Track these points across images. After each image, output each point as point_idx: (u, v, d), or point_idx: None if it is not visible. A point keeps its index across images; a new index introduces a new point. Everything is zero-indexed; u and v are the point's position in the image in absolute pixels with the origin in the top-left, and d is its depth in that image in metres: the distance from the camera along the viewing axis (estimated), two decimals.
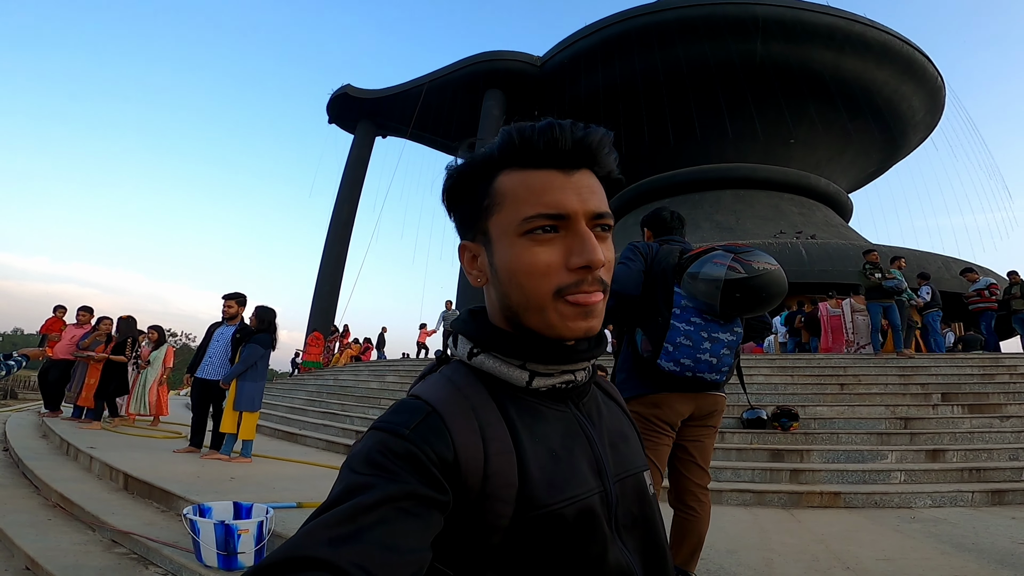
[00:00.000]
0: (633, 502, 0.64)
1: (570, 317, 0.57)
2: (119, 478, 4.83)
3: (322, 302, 24.41)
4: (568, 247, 0.57)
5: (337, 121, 28.69)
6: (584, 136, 0.58)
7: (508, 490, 0.54)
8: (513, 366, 0.60)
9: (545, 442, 0.58)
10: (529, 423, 0.59)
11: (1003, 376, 7.46)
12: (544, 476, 0.56)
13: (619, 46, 21.80)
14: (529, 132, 0.58)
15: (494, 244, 0.60)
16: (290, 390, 12.74)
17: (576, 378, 0.63)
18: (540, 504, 0.54)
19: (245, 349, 5.85)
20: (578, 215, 0.57)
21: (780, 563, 3.03)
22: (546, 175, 0.58)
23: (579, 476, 0.58)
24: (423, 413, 0.54)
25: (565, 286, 0.57)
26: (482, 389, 0.59)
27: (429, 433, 0.53)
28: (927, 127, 25.79)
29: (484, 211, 0.61)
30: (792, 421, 6.00)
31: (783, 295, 2.08)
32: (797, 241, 17.41)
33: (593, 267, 0.56)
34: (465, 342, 0.63)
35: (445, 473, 0.51)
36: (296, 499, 4.03)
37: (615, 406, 0.73)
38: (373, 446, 0.51)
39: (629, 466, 0.66)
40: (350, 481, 0.49)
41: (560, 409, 0.62)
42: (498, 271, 0.60)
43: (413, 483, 0.49)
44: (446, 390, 0.58)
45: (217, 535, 2.86)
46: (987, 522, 3.82)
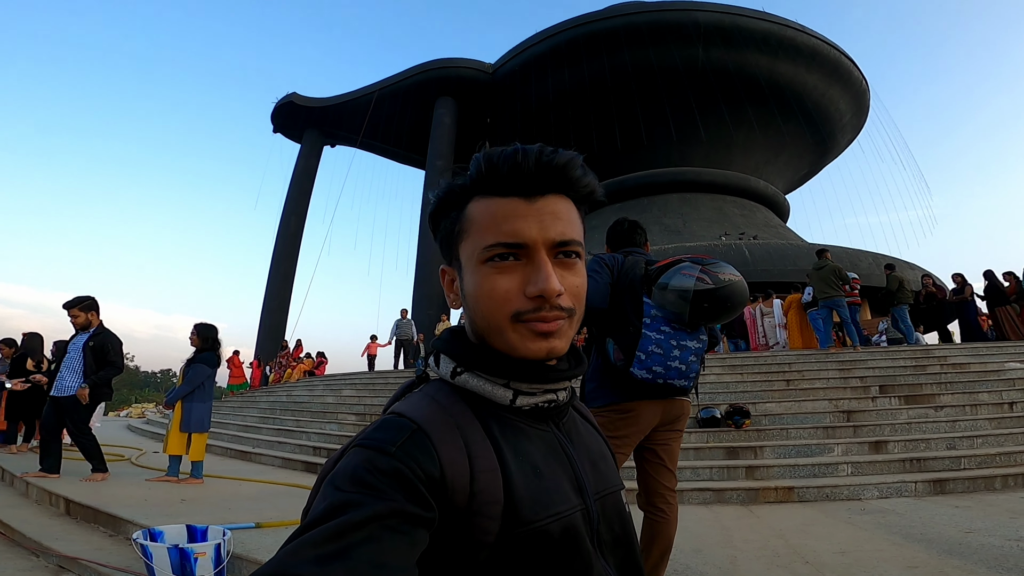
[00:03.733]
0: (614, 520, 0.66)
1: (529, 339, 0.58)
2: (60, 503, 4.58)
3: (271, 318, 23.68)
4: (526, 275, 0.58)
5: (282, 130, 27.97)
6: (549, 159, 0.59)
7: (494, 507, 0.54)
8: (497, 384, 0.61)
9: (528, 460, 0.59)
10: (512, 441, 0.59)
11: (934, 367, 7.91)
12: (529, 493, 0.56)
13: (568, 53, 22.13)
14: (495, 158, 0.59)
15: (464, 270, 0.62)
16: (241, 408, 12.32)
17: (558, 397, 0.64)
18: (526, 520, 0.55)
19: (190, 370, 5.67)
20: (537, 244, 0.58)
21: (744, 560, 3.12)
22: (509, 203, 0.59)
23: (562, 493, 0.59)
24: (409, 431, 0.54)
25: (522, 311, 0.58)
26: (465, 407, 0.60)
27: (415, 450, 0.52)
28: (854, 129, 27.19)
29: (456, 237, 0.62)
30: (744, 418, 6.20)
31: (745, 304, 2.25)
32: (741, 242, 18.03)
33: (547, 296, 0.57)
34: (448, 361, 0.63)
35: (432, 490, 0.51)
36: (254, 519, 3.90)
37: (590, 427, 0.75)
38: (359, 463, 0.51)
39: (608, 484, 0.67)
40: (335, 499, 0.48)
41: (542, 428, 0.63)
42: (466, 296, 0.61)
43: (400, 500, 0.48)
44: (430, 408, 0.58)
45: (172, 559, 2.73)
46: (932, 512, 4.03)
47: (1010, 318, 10.42)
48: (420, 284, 20.80)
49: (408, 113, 24.34)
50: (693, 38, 21.39)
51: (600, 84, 22.03)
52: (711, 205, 23.23)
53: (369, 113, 24.34)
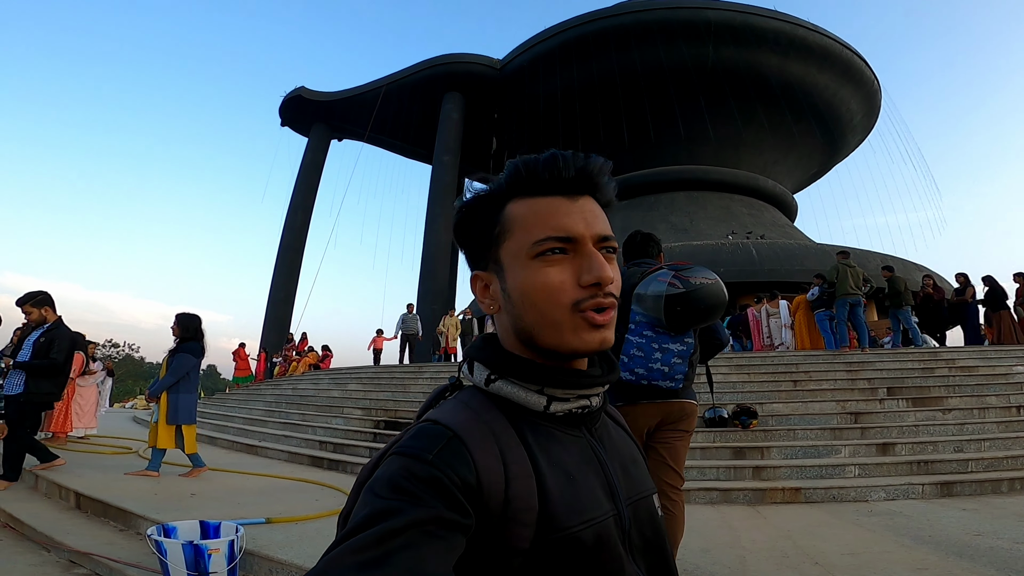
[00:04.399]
0: (645, 524, 0.66)
1: (584, 330, 0.60)
2: (70, 497, 4.62)
3: (277, 310, 23.75)
4: (578, 266, 0.60)
5: (290, 124, 28.00)
6: (585, 165, 0.62)
7: (529, 513, 0.55)
8: (531, 391, 0.62)
9: (562, 466, 0.60)
10: (546, 448, 0.60)
11: (942, 370, 7.88)
12: (563, 499, 0.57)
13: (577, 49, 22.04)
14: (534, 163, 0.62)
15: (506, 270, 0.63)
16: (247, 401, 12.37)
17: (591, 403, 0.65)
18: (560, 527, 0.56)
19: (174, 360, 5.52)
20: (585, 237, 0.60)
21: (753, 560, 3.13)
22: (552, 201, 0.62)
23: (595, 499, 0.60)
24: (445, 438, 0.55)
25: (579, 300, 0.59)
26: (499, 414, 0.61)
27: (452, 458, 0.53)
28: (864, 129, 27.01)
29: (495, 240, 0.64)
30: (752, 419, 6.19)
31: (722, 306, 2.30)
32: (748, 241, 17.97)
33: (603, 283, 0.59)
34: (482, 368, 0.64)
35: (468, 497, 0.52)
36: (264, 514, 3.92)
37: (622, 431, 0.75)
38: (397, 470, 0.52)
39: (641, 488, 0.68)
40: (376, 506, 0.49)
41: (575, 434, 0.64)
42: (511, 294, 0.62)
43: (439, 507, 0.49)
44: (464, 415, 0.59)
45: (186, 556, 2.75)
46: (940, 514, 4.03)
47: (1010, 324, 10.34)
48: (425, 278, 20.83)
49: (416, 108, 24.31)
50: (704, 36, 21.28)
51: (609, 81, 21.96)
52: (718, 204, 23.16)
53: (377, 108, 24.32)
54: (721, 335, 2.66)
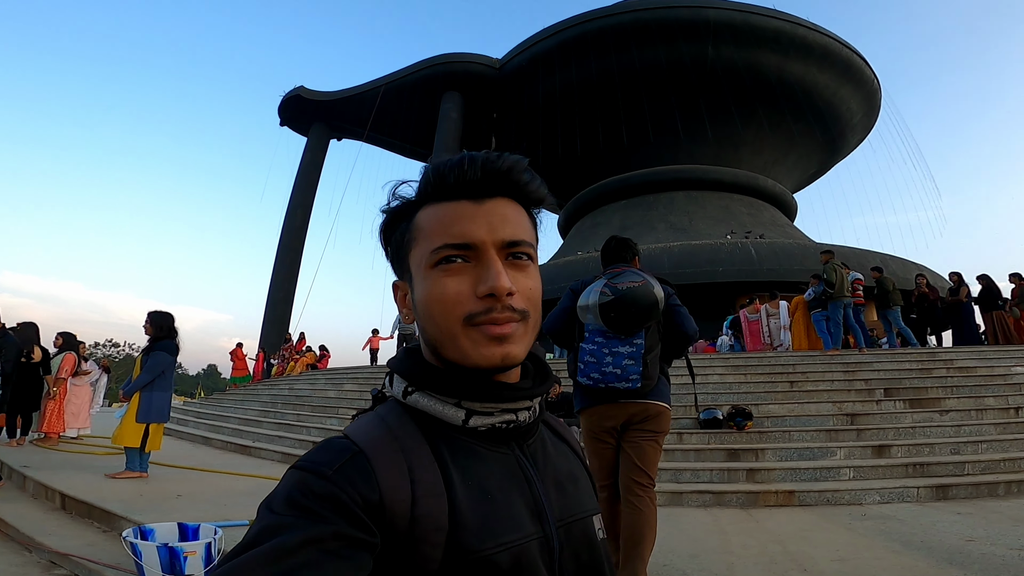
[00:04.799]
0: (581, 548, 0.61)
1: (482, 344, 0.56)
2: (55, 498, 4.59)
3: (275, 310, 23.76)
4: (476, 276, 0.56)
5: (289, 123, 28.03)
6: (494, 164, 0.58)
7: (438, 534, 0.52)
8: (448, 404, 0.58)
9: (480, 484, 0.56)
10: (463, 464, 0.57)
11: (940, 371, 7.82)
12: (476, 520, 0.54)
13: (576, 49, 22.02)
14: (443, 166, 0.59)
15: (413, 279, 0.60)
16: (242, 401, 12.34)
17: (518, 418, 0.60)
18: (471, 549, 0.52)
19: (150, 358, 5.41)
20: (486, 244, 0.57)
21: (740, 566, 3.08)
22: (456, 206, 0.58)
23: (515, 521, 0.56)
24: (349, 453, 0.52)
25: (474, 313, 0.55)
26: (415, 429, 0.57)
27: (353, 473, 0.51)
28: (864, 129, 26.97)
29: (406, 247, 0.61)
30: (746, 420, 6.14)
31: (650, 304, 2.46)
32: (747, 241, 17.90)
33: (498, 294, 0.55)
34: (400, 380, 0.61)
35: (371, 515, 0.49)
36: (248, 517, 3.88)
37: (565, 446, 0.70)
38: (294, 486, 0.49)
39: (577, 510, 0.63)
40: (269, 521, 0.46)
41: (500, 451, 0.60)
42: (417, 305, 0.59)
43: (339, 524, 0.47)
44: (377, 430, 0.56)
45: (161, 558, 2.72)
46: (934, 518, 3.97)
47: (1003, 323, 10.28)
48: None
49: (415, 107, 24.31)
50: (703, 35, 21.24)
51: (608, 80, 21.92)
52: (718, 203, 23.10)
53: (376, 107, 24.32)
54: (686, 326, 2.66)
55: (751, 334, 11.28)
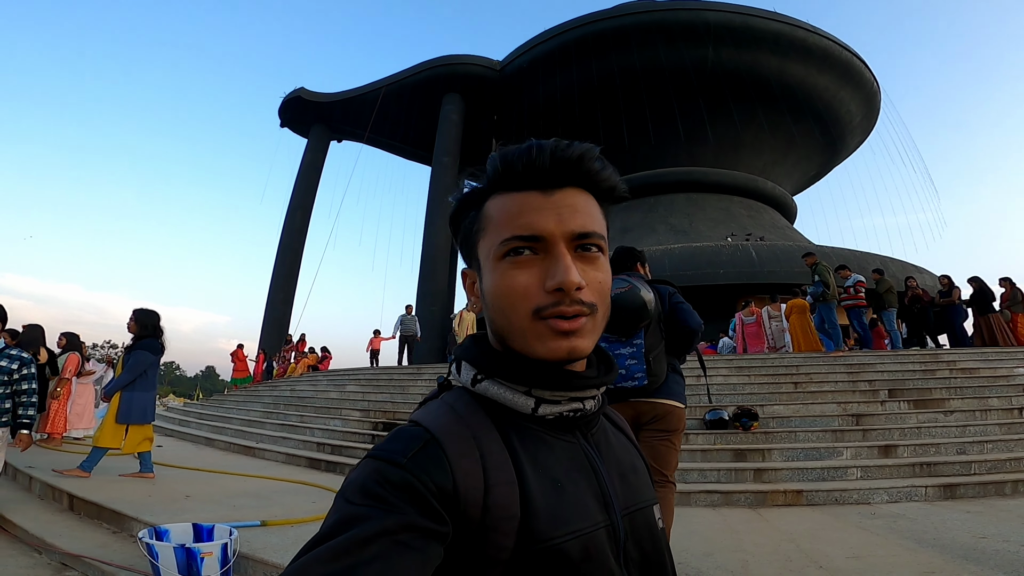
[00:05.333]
0: (644, 537, 0.62)
1: (548, 338, 0.55)
2: (63, 498, 4.58)
3: (275, 311, 23.67)
4: (544, 269, 0.56)
5: (290, 125, 27.95)
6: (563, 152, 0.58)
7: (510, 522, 0.52)
8: (518, 392, 0.58)
9: (549, 473, 0.56)
10: (533, 452, 0.57)
11: (944, 372, 7.85)
12: (547, 508, 0.54)
13: (577, 51, 22.02)
14: (511, 155, 0.59)
15: (482, 269, 0.60)
16: (245, 402, 12.32)
17: (585, 406, 0.61)
18: (543, 538, 0.52)
19: (131, 357, 5.27)
20: (555, 236, 0.56)
21: (755, 564, 3.09)
22: (525, 197, 0.58)
23: (584, 509, 0.56)
24: (422, 441, 0.52)
25: (542, 307, 0.55)
26: (484, 417, 0.57)
27: (427, 462, 0.51)
28: (864, 131, 26.99)
29: (475, 236, 0.61)
30: (752, 421, 6.15)
31: (638, 307, 2.57)
32: (747, 243, 17.93)
33: (567, 288, 0.54)
34: (468, 368, 0.61)
35: (444, 504, 0.50)
36: (259, 517, 3.88)
37: (623, 437, 0.71)
38: (369, 475, 0.49)
39: (639, 499, 0.64)
40: (345, 512, 0.47)
41: (567, 439, 0.60)
42: (486, 295, 0.60)
43: (411, 514, 0.47)
44: (447, 417, 0.56)
45: (178, 559, 2.72)
46: (943, 516, 3.99)
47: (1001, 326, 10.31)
48: (424, 280, 20.77)
49: (415, 109, 24.28)
50: (703, 38, 21.26)
51: (608, 82, 21.93)
52: (718, 205, 23.12)
53: (376, 109, 24.28)
54: (688, 321, 2.78)
55: (747, 336, 11.33)
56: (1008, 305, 10.35)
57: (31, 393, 3.95)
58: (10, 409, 3.87)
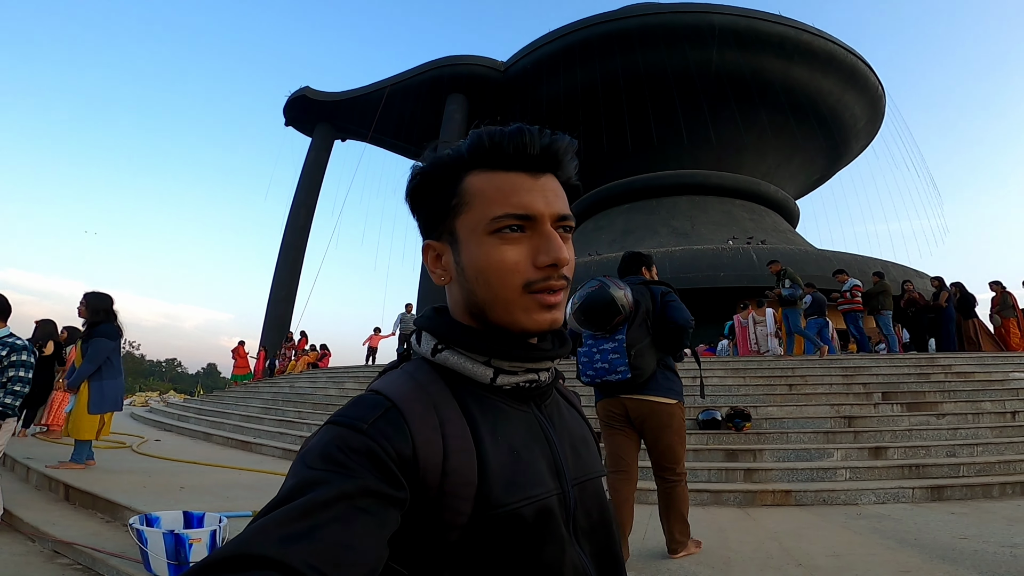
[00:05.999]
0: (592, 506, 0.65)
1: (535, 311, 0.59)
2: (59, 488, 4.64)
3: (277, 308, 23.79)
4: (535, 246, 0.59)
5: (294, 123, 28.07)
6: (551, 143, 0.61)
7: (467, 488, 0.54)
8: (477, 362, 0.61)
9: (506, 440, 0.59)
10: (491, 421, 0.59)
11: (938, 375, 7.86)
12: (504, 475, 0.56)
13: (581, 53, 22.05)
14: (499, 136, 0.61)
15: (461, 243, 0.61)
16: (244, 398, 12.39)
17: (540, 378, 0.63)
18: (499, 503, 0.54)
19: (91, 346, 5.10)
20: (544, 216, 0.60)
21: (738, 561, 3.12)
22: (514, 177, 0.60)
23: (539, 476, 0.59)
24: (382, 408, 0.54)
25: (533, 281, 0.59)
26: (444, 386, 0.60)
27: (388, 428, 0.52)
28: (868, 135, 26.93)
29: (451, 210, 0.62)
30: (745, 421, 6.18)
31: (606, 303, 2.74)
32: (749, 247, 17.92)
33: (559, 264, 0.59)
34: (429, 338, 0.63)
35: (403, 470, 0.51)
36: (252, 508, 3.93)
37: (575, 412, 0.74)
38: (330, 440, 0.50)
39: (589, 470, 0.67)
40: (304, 476, 0.48)
41: (522, 409, 0.63)
42: (465, 268, 0.61)
43: (371, 479, 0.48)
44: (407, 385, 0.58)
45: (167, 544, 2.76)
46: (928, 518, 4.01)
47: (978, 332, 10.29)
48: (426, 279, 20.82)
49: (419, 109, 24.35)
50: (708, 40, 21.26)
51: (612, 84, 21.94)
52: (720, 208, 23.10)
53: (380, 108, 24.36)
54: (675, 316, 2.92)
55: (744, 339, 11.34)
56: (998, 310, 10.31)
57: (16, 380, 3.72)
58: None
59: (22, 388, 3.75)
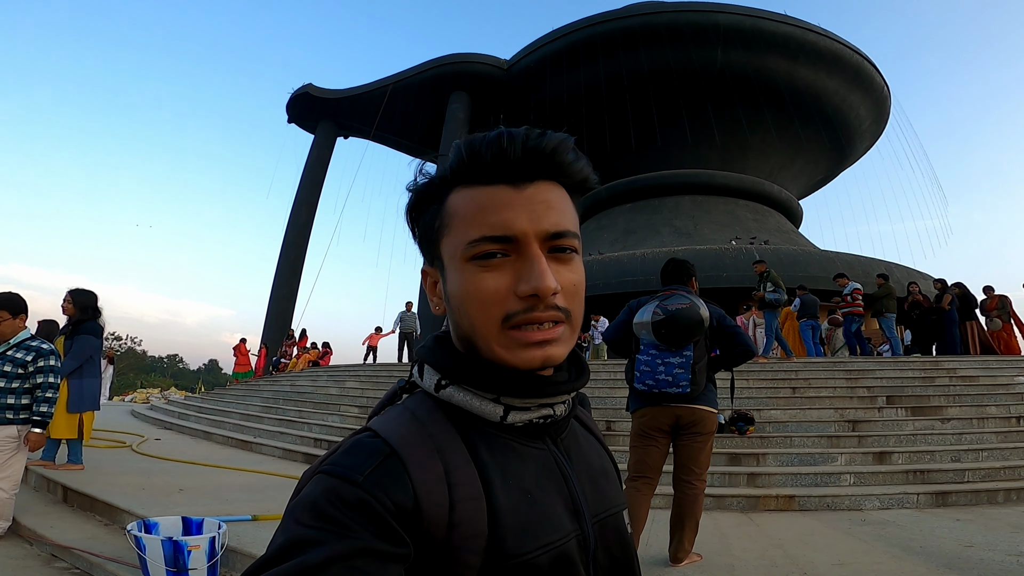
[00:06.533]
0: (613, 543, 0.60)
1: (519, 349, 0.52)
2: (57, 490, 4.61)
3: (279, 306, 23.78)
4: (516, 273, 0.52)
5: (297, 121, 28.02)
6: (537, 143, 0.52)
7: (477, 540, 0.49)
8: (486, 400, 0.54)
9: (519, 483, 0.53)
10: (502, 462, 0.53)
11: (943, 379, 7.81)
12: (517, 522, 0.51)
13: (585, 51, 21.99)
14: (478, 143, 0.53)
15: (446, 269, 0.55)
16: (244, 397, 12.37)
17: (555, 412, 0.57)
18: (512, 553, 0.49)
19: (75, 343, 5.02)
20: (528, 236, 0.51)
21: (741, 569, 3.10)
22: (495, 191, 0.53)
23: (555, 520, 0.53)
24: (380, 456, 0.48)
25: (513, 313, 0.51)
26: (449, 426, 0.54)
27: (386, 478, 0.47)
28: (873, 135, 26.84)
29: (436, 233, 0.56)
30: (748, 425, 6.14)
31: (695, 323, 2.91)
32: (752, 247, 17.88)
33: (541, 296, 0.50)
34: (432, 372, 0.57)
35: (404, 523, 0.46)
36: (251, 511, 3.91)
37: (593, 439, 0.68)
38: (321, 493, 0.46)
39: (609, 505, 0.62)
40: (294, 535, 0.43)
41: (536, 446, 0.57)
42: (450, 298, 0.55)
43: (366, 538, 0.44)
44: (408, 427, 0.52)
45: (165, 552, 2.74)
46: (932, 524, 3.98)
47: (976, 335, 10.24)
48: None
49: (422, 107, 24.30)
50: (712, 40, 21.19)
51: (615, 83, 21.89)
52: (723, 208, 23.05)
53: (383, 106, 24.32)
54: (743, 341, 3.10)
55: None
56: (997, 314, 10.25)
57: (46, 387, 3.67)
58: (27, 405, 3.65)
59: (54, 394, 3.75)
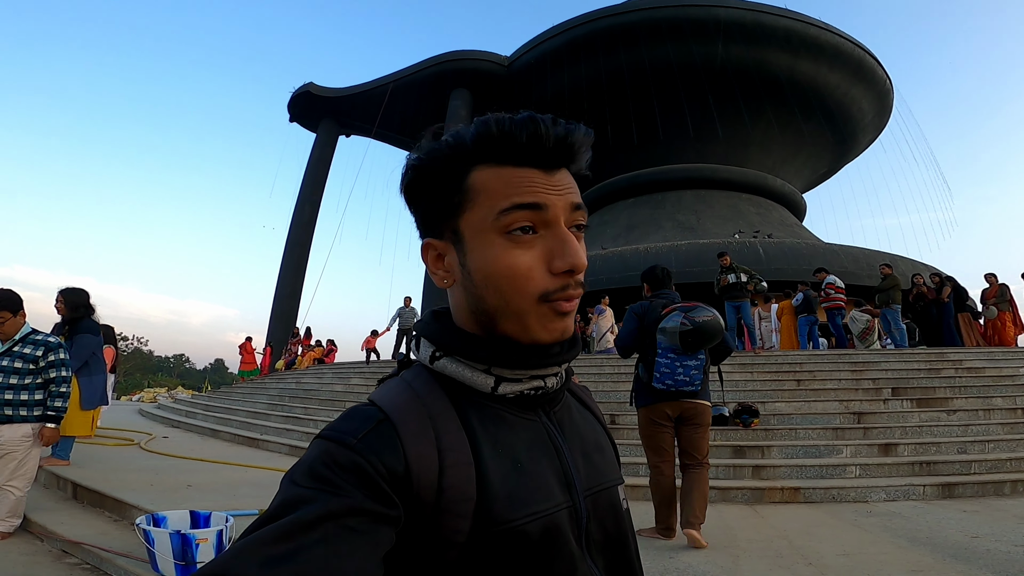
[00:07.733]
0: (607, 518, 0.61)
1: (550, 320, 0.55)
2: (67, 487, 4.65)
3: (283, 305, 23.84)
4: (549, 249, 0.54)
5: (299, 120, 28.05)
6: (567, 134, 0.55)
7: (465, 504, 0.50)
8: (477, 371, 0.56)
9: (509, 453, 0.55)
10: (493, 432, 0.55)
11: (949, 371, 7.80)
12: (506, 490, 0.52)
13: (585, 47, 21.94)
14: (510, 124, 0.54)
15: (467, 243, 0.56)
16: (251, 394, 12.44)
17: (547, 384, 0.59)
18: (500, 520, 0.51)
19: (76, 342, 5.02)
20: (558, 212, 0.55)
21: (746, 559, 3.10)
22: (527, 172, 0.55)
23: (545, 490, 0.55)
24: (374, 421, 0.51)
25: (550, 291, 0.54)
26: (442, 395, 0.56)
27: (378, 443, 0.49)
28: (876, 129, 26.71)
29: (454, 208, 0.56)
30: (753, 417, 6.13)
31: (719, 334, 3.34)
32: (755, 241, 17.83)
33: (576, 271, 0.54)
34: (427, 345, 0.59)
35: (395, 486, 0.48)
36: (258, 506, 3.93)
37: (590, 415, 0.69)
38: (317, 456, 0.48)
39: (603, 479, 0.62)
40: (289, 494, 0.46)
41: (528, 418, 0.58)
42: (471, 273, 0.56)
43: (359, 497, 0.45)
44: (403, 396, 0.55)
45: (173, 545, 2.77)
46: (939, 515, 3.98)
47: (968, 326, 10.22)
48: None
49: (423, 104, 24.29)
50: (713, 34, 21.11)
51: (617, 78, 21.83)
52: (726, 202, 22.99)
53: (384, 104, 24.31)
54: (729, 343, 3.62)
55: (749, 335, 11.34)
56: (994, 302, 10.21)
57: (59, 381, 3.63)
58: (41, 401, 3.61)
59: (67, 388, 3.73)
